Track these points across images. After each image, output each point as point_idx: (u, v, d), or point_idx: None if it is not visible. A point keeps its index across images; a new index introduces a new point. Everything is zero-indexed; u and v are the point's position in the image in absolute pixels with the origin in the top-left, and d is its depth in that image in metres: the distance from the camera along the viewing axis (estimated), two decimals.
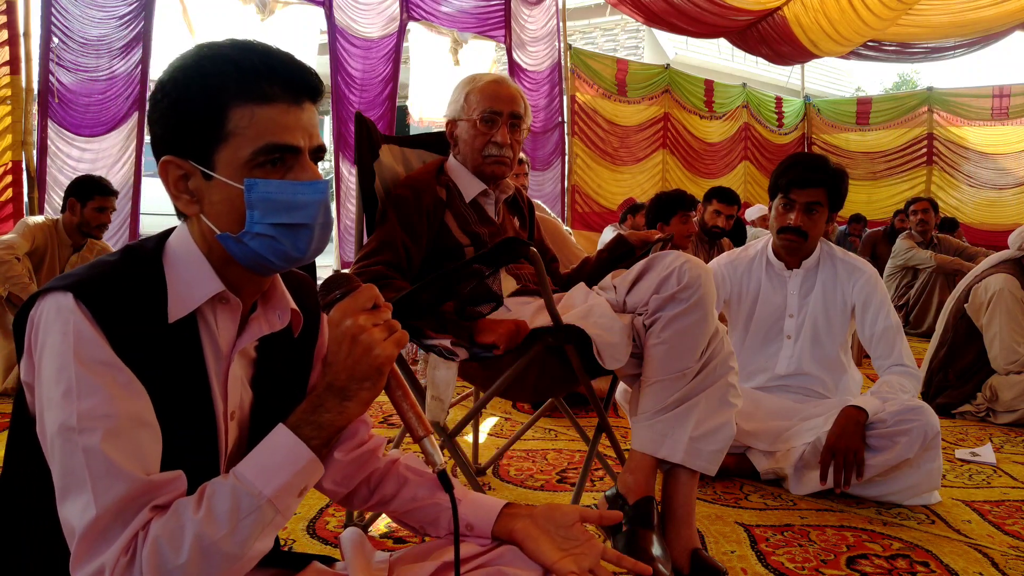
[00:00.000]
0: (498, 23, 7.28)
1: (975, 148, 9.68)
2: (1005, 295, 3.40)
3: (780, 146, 10.32)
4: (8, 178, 4.66)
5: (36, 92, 4.74)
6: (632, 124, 8.63)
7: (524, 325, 1.70)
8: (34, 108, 4.76)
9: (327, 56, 6.27)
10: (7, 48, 4.63)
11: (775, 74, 14.51)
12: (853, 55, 9.34)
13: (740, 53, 11.38)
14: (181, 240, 0.96)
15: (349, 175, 6.24)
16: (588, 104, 8.16)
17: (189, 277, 0.93)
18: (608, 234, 5.64)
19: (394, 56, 6.54)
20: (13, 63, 4.64)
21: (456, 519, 0.99)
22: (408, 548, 1.15)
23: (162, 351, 0.90)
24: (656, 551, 1.65)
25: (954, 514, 2.25)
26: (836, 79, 17.57)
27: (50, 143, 4.81)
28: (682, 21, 7.92)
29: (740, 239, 5.21)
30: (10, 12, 4.64)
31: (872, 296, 2.46)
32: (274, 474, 0.88)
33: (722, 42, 10.92)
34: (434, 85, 6.88)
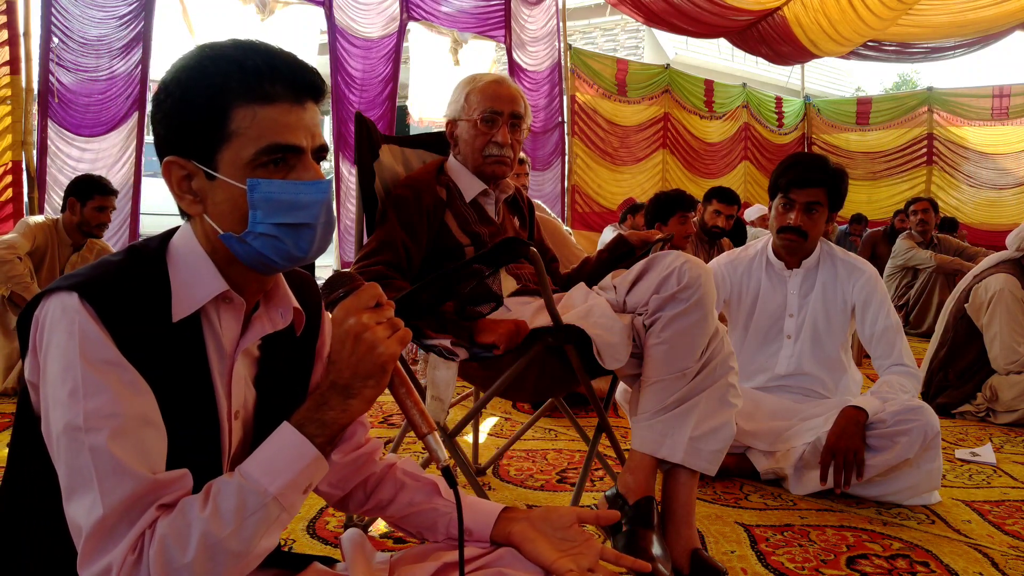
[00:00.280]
0: (498, 23, 7.29)
1: (975, 148, 9.69)
2: (1005, 295, 3.40)
3: (780, 146, 10.33)
4: (8, 178, 4.66)
5: (36, 92, 4.74)
6: (632, 124, 8.64)
7: (524, 325, 1.70)
8: (34, 108, 4.77)
9: (327, 56, 6.28)
10: (7, 48, 4.63)
11: (775, 74, 14.52)
12: (853, 55, 9.35)
13: (740, 53, 11.38)
14: (185, 240, 0.96)
15: (349, 175, 6.24)
16: (588, 104, 8.17)
17: (193, 277, 0.94)
18: (608, 234, 5.64)
19: (394, 56, 6.54)
20: (13, 63, 4.64)
21: (460, 515, 0.99)
22: (408, 549, 1.15)
23: (166, 350, 0.90)
24: (656, 551, 1.65)
25: (954, 514, 2.25)
26: (836, 79, 17.57)
27: (50, 143, 4.82)
28: (682, 21, 7.93)
29: (740, 239, 5.21)
30: (10, 12, 4.64)
31: (872, 296, 2.46)
32: (279, 472, 0.89)
33: (722, 42, 10.92)
34: (434, 85, 6.88)
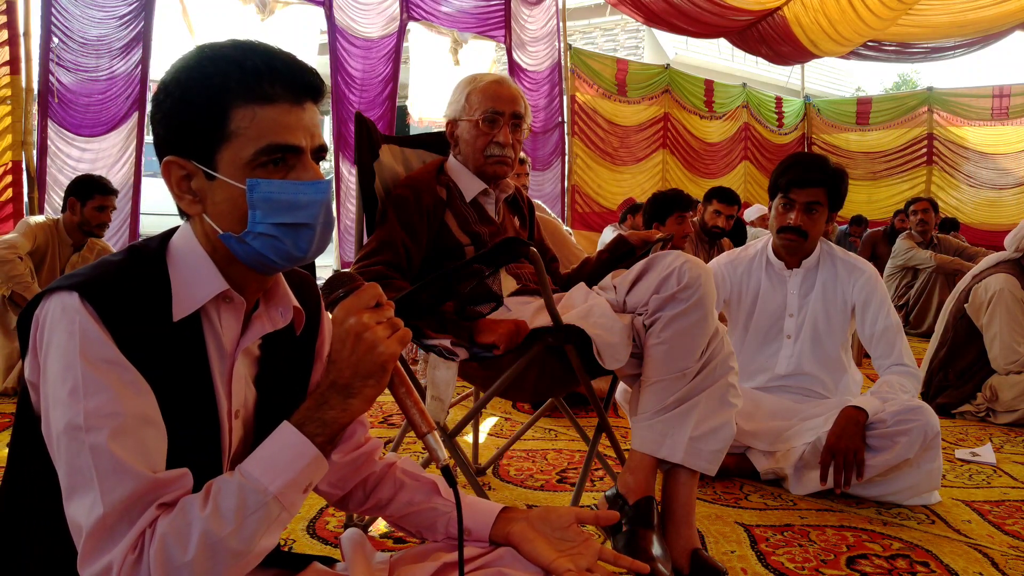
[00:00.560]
0: (498, 23, 7.29)
1: (975, 148, 9.69)
2: (1005, 295, 3.40)
3: (780, 146, 10.33)
4: (8, 178, 4.66)
5: (36, 92, 4.74)
6: (632, 124, 8.64)
7: (524, 325, 1.70)
8: (34, 108, 4.77)
9: (327, 56, 6.28)
10: (7, 48, 4.63)
11: (775, 74, 14.52)
12: (853, 55, 9.35)
13: (740, 53, 11.38)
14: (184, 239, 0.96)
15: (349, 175, 6.24)
16: (588, 104, 8.17)
17: (193, 276, 0.94)
18: (608, 234, 5.64)
19: (394, 56, 6.54)
20: (13, 63, 4.64)
21: (460, 514, 0.99)
22: (408, 549, 1.15)
23: (167, 350, 0.91)
24: (656, 551, 1.65)
25: (954, 514, 2.25)
26: (836, 79, 17.57)
27: (50, 143, 4.82)
28: (682, 21, 7.93)
29: (740, 239, 5.22)
30: (10, 12, 4.64)
31: (872, 295, 2.46)
32: (280, 471, 0.89)
33: (722, 42, 10.92)
34: (434, 85, 6.88)
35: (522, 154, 3.11)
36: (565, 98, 7.90)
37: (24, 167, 4.71)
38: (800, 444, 2.35)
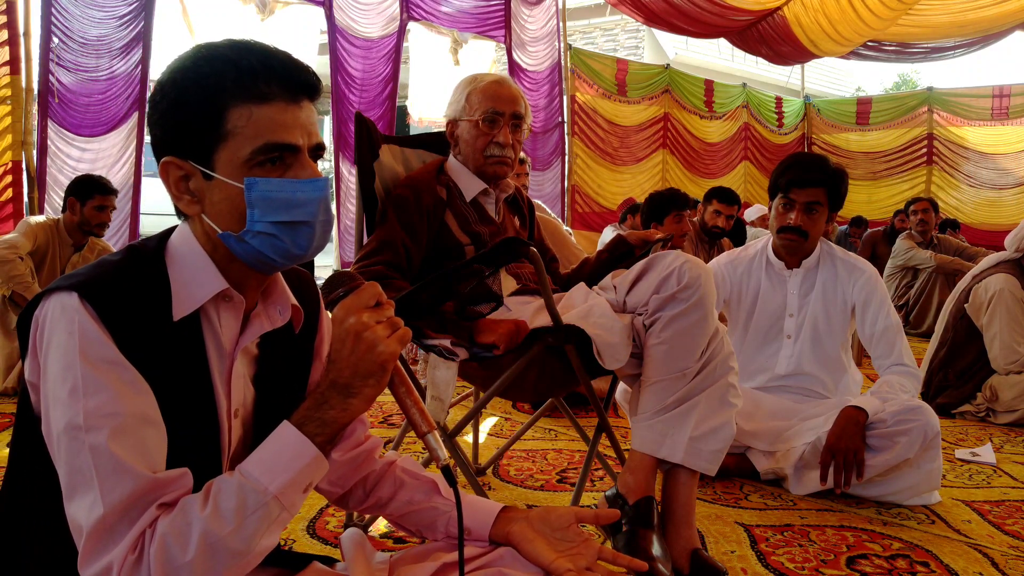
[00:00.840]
0: (498, 23, 7.29)
1: (975, 148, 9.69)
2: (1005, 295, 3.40)
3: (780, 146, 10.33)
4: (8, 178, 4.66)
5: (36, 92, 4.75)
6: (632, 124, 8.64)
7: (524, 325, 1.70)
8: (34, 108, 4.77)
9: (327, 56, 6.28)
10: (7, 48, 4.63)
11: (775, 74, 14.51)
12: (853, 55, 9.35)
13: (740, 53, 11.38)
14: (183, 239, 0.96)
15: (349, 175, 6.24)
16: (588, 104, 8.17)
17: (192, 276, 0.94)
18: (608, 234, 5.64)
19: (394, 56, 6.54)
20: (13, 63, 4.64)
21: (460, 514, 0.99)
22: (408, 549, 1.15)
23: (166, 350, 0.90)
24: (656, 551, 1.65)
25: (954, 514, 2.25)
26: (836, 79, 17.57)
27: (50, 143, 4.82)
28: (682, 21, 7.93)
29: (740, 239, 5.22)
30: (10, 12, 4.64)
31: (872, 295, 2.46)
32: (280, 471, 0.89)
33: (722, 42, 10.92)
34: (434, 85, 6.88)
35: (522, 154, 3.11)
36: (565, 98, 7.90)
37: (24, 167, 4.72)
38: (800, 444, 2.35)
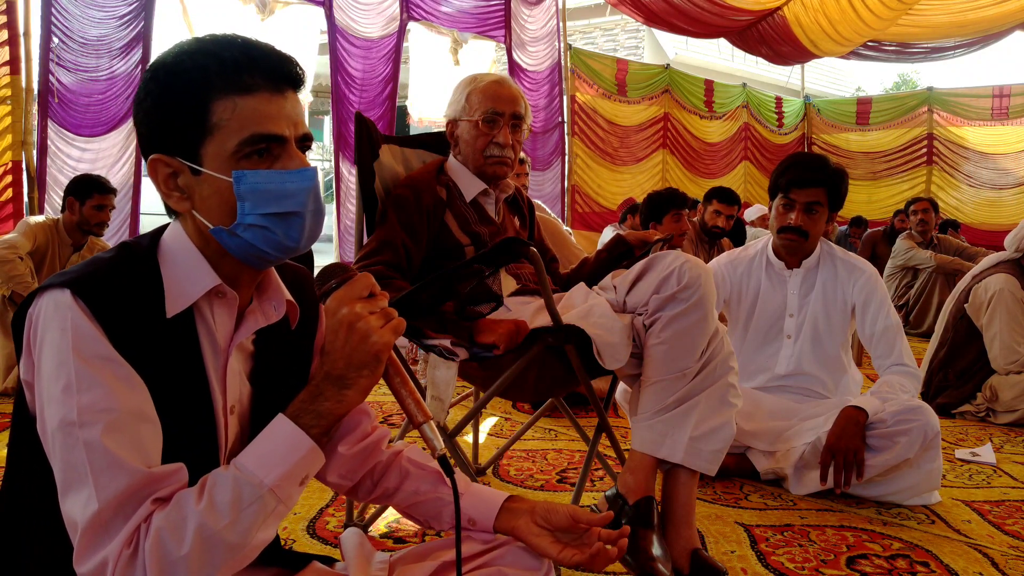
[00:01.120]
0: (498, 23, 7.29)
1: (975, 148, 9.69)
2: (1005, 295, 3.40)
3: (780, 146, 10.33)
4: (8, 178, 4.66)
5: (36, 92, 4.75)
6: (632, 124, 8.64)
7: (524, 325, 1.70)
8: (34, 108, 4.77)
9: (327, 56, 6.28)
10: (7, 48, 4.63)
11: (775, 74, 14.52)
12: (853, 55, 9.35)
13: (740, 53, 11.38)
14: (175, 236, 0.96)
15: (349, 175, 6.24)
16: (588, 104, 8.17)
17: (185, 272, 0.93)
18: (608, 234, 5.64)
19: (394, 56, 6.54)
20: (13, 63, 4.64)
21: (458, 506, 0.98)
22: (408, 548, 1.15)
23: (160, 346, 0.90)
24: (656, 551, 1.65)
25: (954, 514, 2.25)
26: (836, 79, 17.57)
27: (50, 143, 4.82)
28: (682, 21, 7.93)
29: (740, 239, 5.22)
30: (10, 12, 4.64)
31: (872, 295, 2.46)
32: (275, 463, 0.88)
33: (722, 42, 10.92)
34: (434, 85, 6.88)
35: (522, 154, 3.11)
36: (565, 98, 7.90)
37: (24, 167, 4.71)
38: (800, 444, 2.35)
